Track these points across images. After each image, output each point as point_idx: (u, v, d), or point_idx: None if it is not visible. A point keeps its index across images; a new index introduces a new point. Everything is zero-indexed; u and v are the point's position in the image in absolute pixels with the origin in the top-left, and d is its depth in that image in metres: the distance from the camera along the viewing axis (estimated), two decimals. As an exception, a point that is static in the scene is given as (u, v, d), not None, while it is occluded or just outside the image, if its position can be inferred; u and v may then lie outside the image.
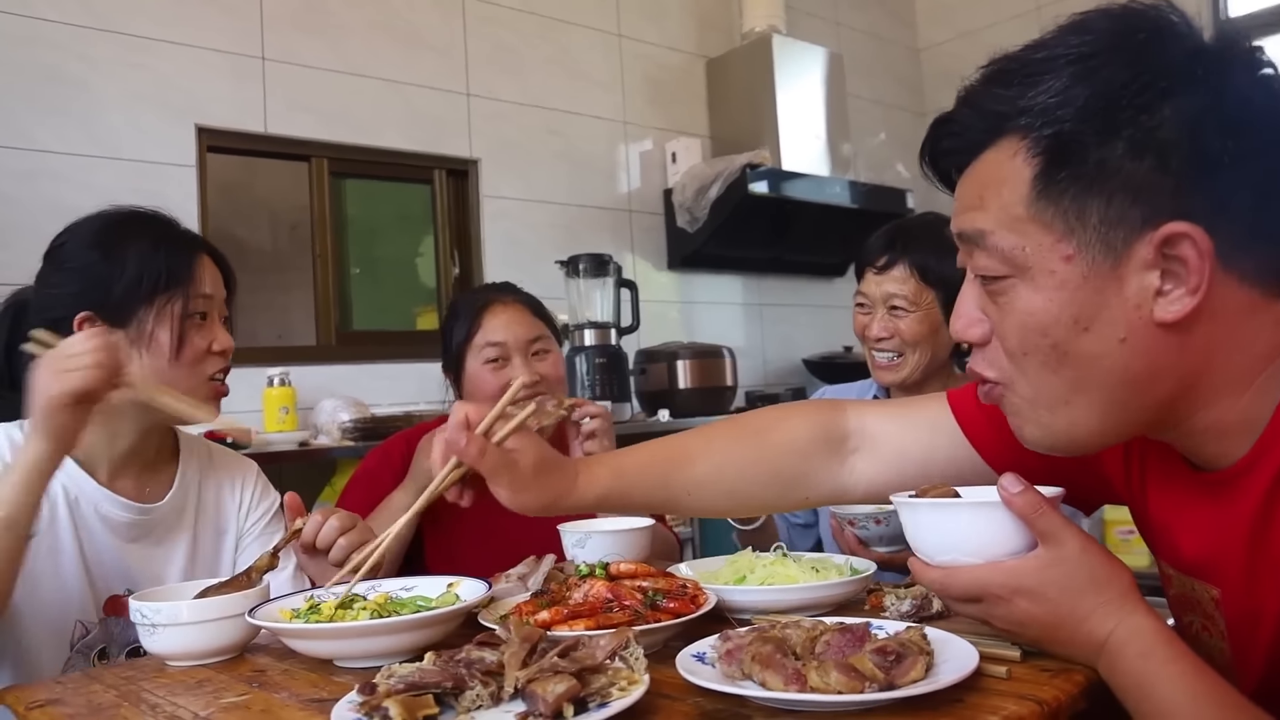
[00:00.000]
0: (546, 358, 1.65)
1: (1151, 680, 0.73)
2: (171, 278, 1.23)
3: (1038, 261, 0.73)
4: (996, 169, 0.76)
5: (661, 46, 3.88)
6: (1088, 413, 0.76)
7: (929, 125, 0.84)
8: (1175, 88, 0.69)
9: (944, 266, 1.59)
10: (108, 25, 2.56)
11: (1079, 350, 0.73)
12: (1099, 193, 0.70)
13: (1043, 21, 3.33)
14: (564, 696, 0.69)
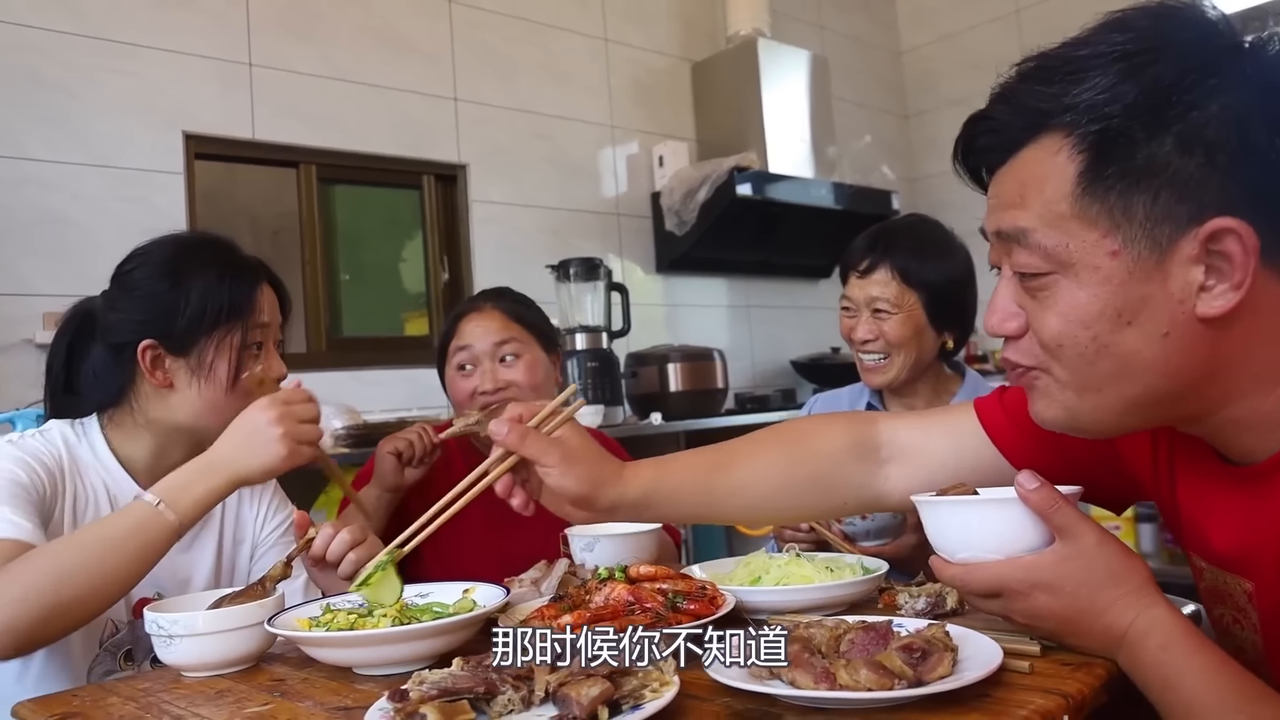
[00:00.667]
0: (516, 363, 1.65)
1: (1175, 672, 0.74)
2: (233, 309, 1.26)
3: (1082, 257, 0.73)
4: (1037, 166, 0.75)
5: (647, 50, 3.89)
6: (1116, 401, 0.76)
7: (964, 123, 0.84)
8: (1223, 85, 0.69)
9: (925, 269, 1.60)
10: (95, 32, 2.55)
11: (1120, 343, 0.73)
12: (1146, 188, 0.70)
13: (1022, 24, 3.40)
14: (599, 699, 0.70)
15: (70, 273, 2.45)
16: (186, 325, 1.24)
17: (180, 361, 1.26)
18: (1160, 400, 0.76)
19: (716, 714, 0.75)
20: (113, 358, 1.27)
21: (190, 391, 1.26)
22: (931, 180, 4.86)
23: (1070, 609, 0.79)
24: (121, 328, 1.26)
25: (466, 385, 1.65)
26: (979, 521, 0.85)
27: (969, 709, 0.73)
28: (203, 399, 1.26)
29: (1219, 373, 0.74)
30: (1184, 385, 0.75)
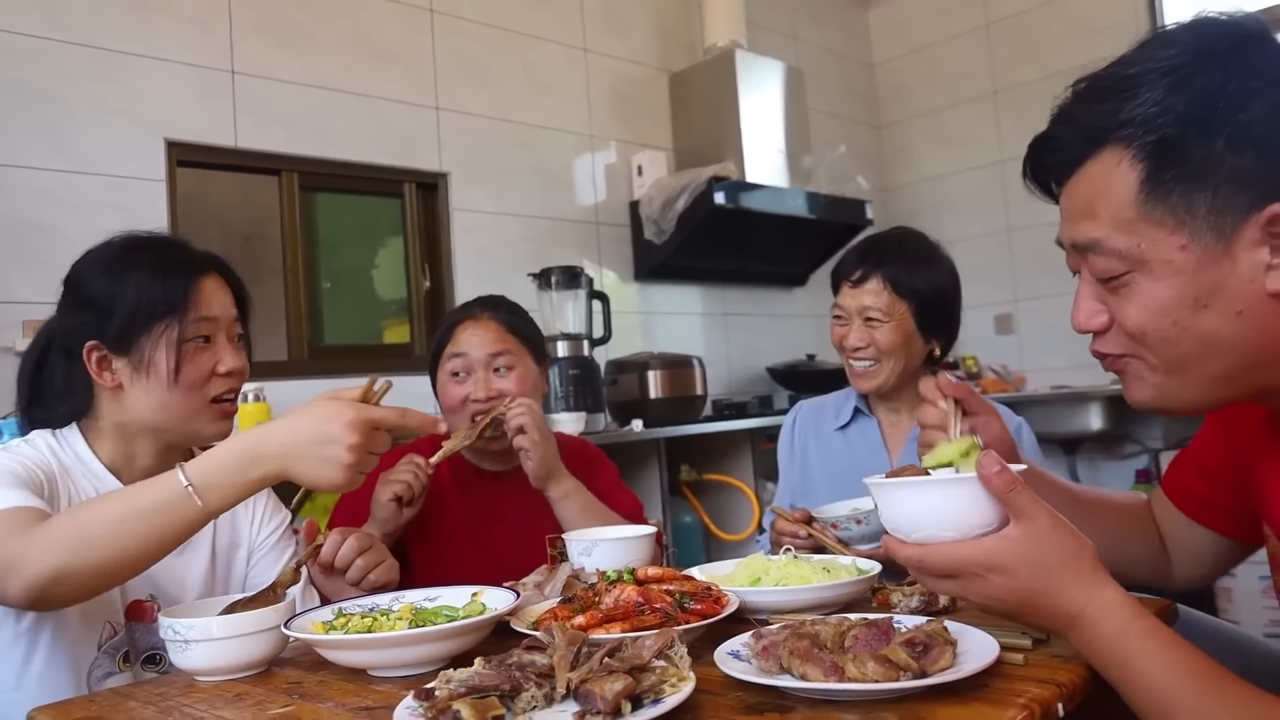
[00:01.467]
0: (509, 374, 1.66)
1: (1131, 655, 0.78)
2: (168, 304, 1.24)
3: (1154, 255, 0.80)
4: (1102, 179, 0.82)
5: (626, 61, 3.93)
6: (1202, 377, 0.83)
7: (1028, 145, 0.90)
8: (1263, 87, 0.76)
9: (914, 279, 1.67)
10: (78, 39, 2.54)
11: (1200, 326, 0.80)
12: (1205, 186, 0.77)
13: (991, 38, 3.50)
14: (622, 694, 0.73)
15: (52, 280, 2.38)
16: (123, 322, 1.23)
17: (124, 360, 1.24)
18: (1242, 372, 0.82)
19: (731, 707, 0.79)
20: (66, 363, 1.26)
21: (137, 390, 1.25)
22: (903, 190, 4.95)
23: (1025, 590, 0.82)
24: (69, 332, 1.25)
25: (459, 392, 1.66)
26: (933, 501, 0.87)
27: (971, 698, 0.77)
28: (149, 396, 1.24)
29: None
30: (1264, 357, 0.81)
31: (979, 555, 0.83)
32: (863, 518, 1.43)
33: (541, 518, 1.63)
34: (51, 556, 0.97)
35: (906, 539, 0.88)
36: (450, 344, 1.69)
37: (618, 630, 0.92)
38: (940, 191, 4.77)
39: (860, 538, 1.42)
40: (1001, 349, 4.46)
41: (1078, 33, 4.29)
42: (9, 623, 1.14)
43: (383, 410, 1.04)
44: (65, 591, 0.99)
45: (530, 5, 3.61)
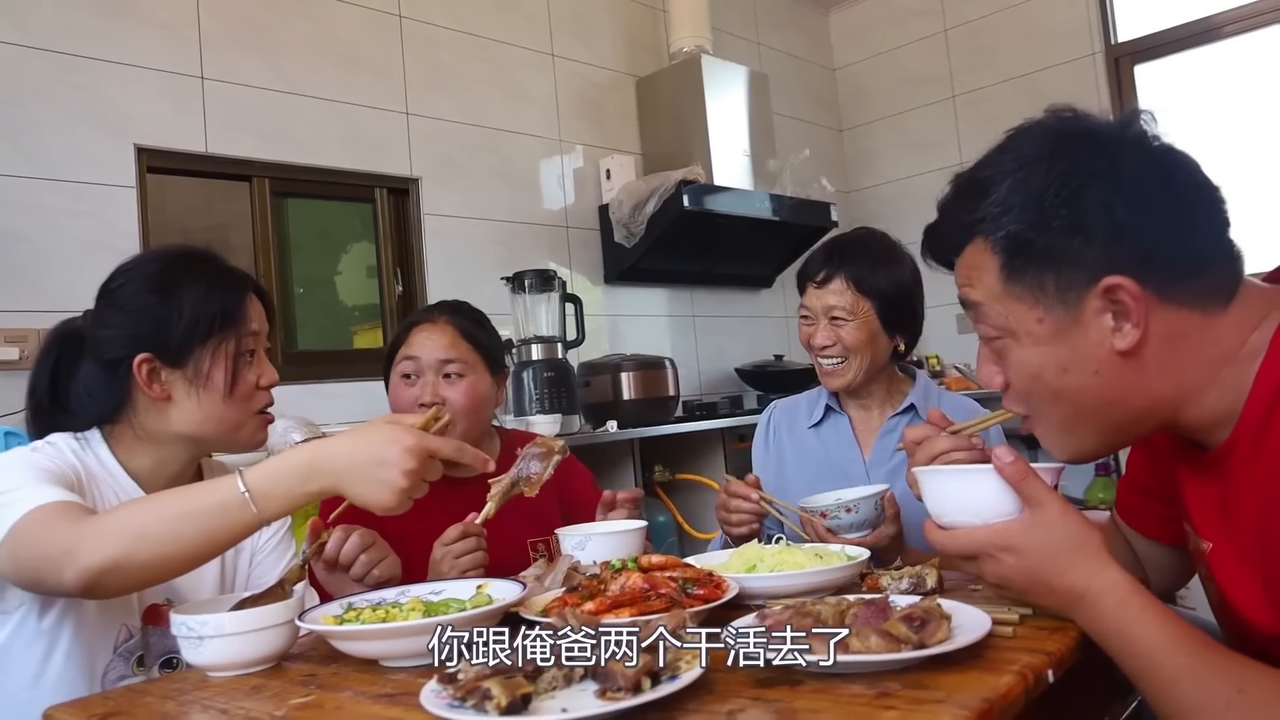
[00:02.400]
0: (458, 383, 1.65)
1: (1130, 626, 0.86)
2: (225, 319, 1.28)
3: (1019, 326, 0.93)
4: (976, 259, 0.95)
5: (593, 66, 3.97)
6: (1090, 432, 0.95)
7: (923, 231, 1.04)
8: (1084, 183, 0.87)
9: (876, 278, 1.72)
10: (42, 44, 2.52)
11: (1066, 386, 0.92)
12: (1050, 267, 0.89)
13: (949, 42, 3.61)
14: (642, 670, 0.77)
15: (21, 287, 2.42)
16: (181, 337, 1.26)
17: (177, 373, 1.27)
18: (1125, 422, 0.94)
19: (744, 681, 0.83)
20: (106, 374, 1.27)
21: (189, 402, 1.27)
22: (866, 192, 5.05)
23: (1035, 570, 0.91)
24: (113, 343, 1.26)
25: (408, 394, 1.66)
26: (961, 488, 0.98)
27: (968, 667, 0.82)
28: (202, 409, 1.27)
29: (1157, 390, 0.90)
30: (1136, 407, 0.92)
31: (994, 538, 0.93)
32: (852, 506, 1.47)
33: (518, 522, 1.65)
34: (109, 547, 0.99)
35: (941, 522, 0.99)
36: (404, 346, 1.70)
37: (627, 615, 0.96)
38: (902, 194, 4.87)
39: (849, 526, 1.46)
40: (963, 347, 4.55)
41: (1032, 39, 4.42)
42: (30, 621, 1.16)
43: (441, 441, 1.07)
44: (117, 582, 1.02)
45: (498, 11, 3.63)
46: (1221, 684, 0.79)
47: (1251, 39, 4.02)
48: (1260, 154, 3.88)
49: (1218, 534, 0.95)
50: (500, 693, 0.74)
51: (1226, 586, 0.95)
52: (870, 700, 0.76)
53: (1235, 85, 4.02)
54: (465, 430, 1.64)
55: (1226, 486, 0.92)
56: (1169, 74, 4.18)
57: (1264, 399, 0.87)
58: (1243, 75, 4.02)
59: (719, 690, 0.81)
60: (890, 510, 1.46)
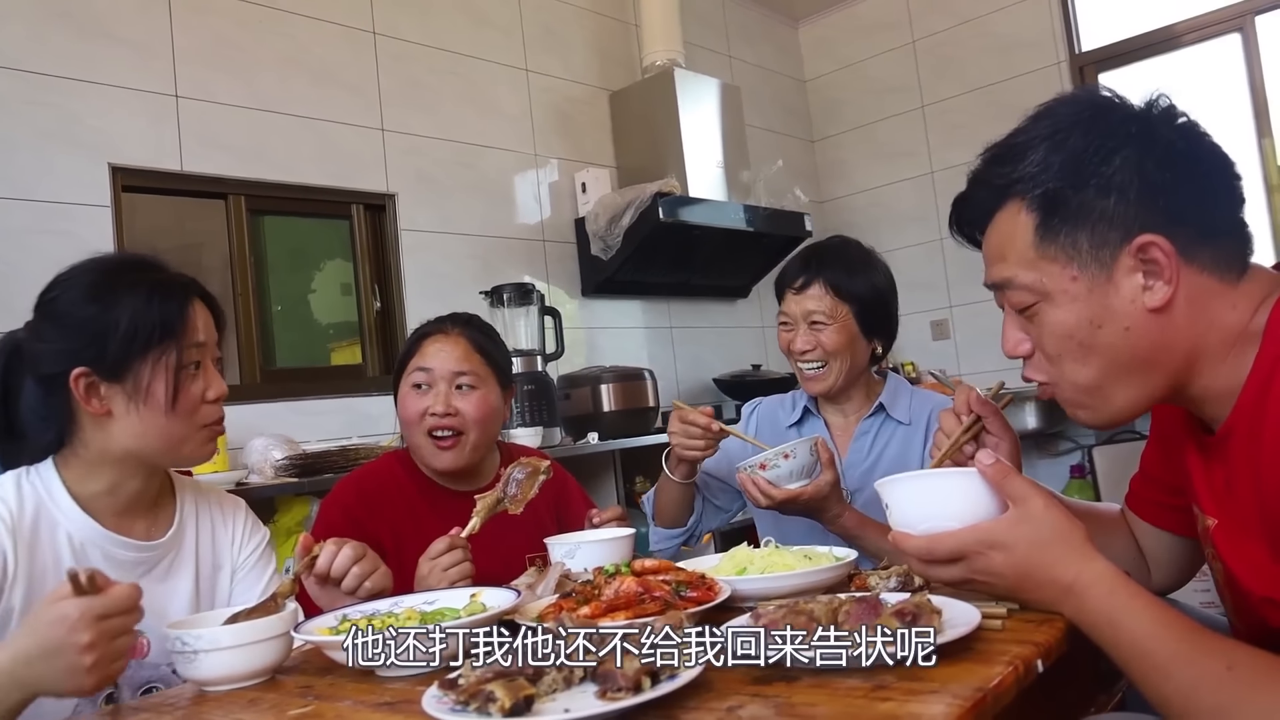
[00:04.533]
0: (470, 395, 1.66)
1: (1119, 614, 0.88)
2: (165, 330, 1.22)
3: (1053, 287, 0.95)
4: (1008, 227, 0.98)
5: (566, 80, 4.00)
6: (1118, 391, 0.96)
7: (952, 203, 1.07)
8: (1120, 145, 0.91)
9: (854, 284, 1.76)
10: (12, 64, 2.50)
11: (1098, 343, 0.94)
12: (1084, 226, 0.92)
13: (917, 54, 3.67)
14: (641, 671, 0.78)
15: (-3, 307, 2.39)
16: (118, 349, 1.20)
17: (116, 387, 1.21)
18: (1152, 381, 0.95)
19: (741, 679, 0.84)
20: (45, 390, 1.22)
21: (130, 417, 1.22)
22: (838, 202, 5.10)
23: (1023, 564, 0.94)
24: (50, 358, 1.21)
25: (418, 404, 1.65)
26: (940, 493, 1.00)
27: (960, 659, 0.83)
28: (144, 423, 1.22)
29: (1181, 352, 0.94)
30: (1159, 364, 0.94)
31: (980, 535, 0.95)
32: (790, 452, 1.53)
33: (513, 535, 1.66)
34: None
35: (913, 531, 0.99)
36: (416, 356, 1.69)
37: (622, 618, 0.97)
38: (875, 203, 4.93)
39: (789, 474, 1.53)
40: (938, 354, 4.62)
41: (997, 49, 4.50)
42: None
43: (105, 598, 0.94)
44: None
45: (471, 26, 3.65)
46: (1211, 663, 0.82)
47: (1209, 47, 4.12)
48: (1221, 159, 3.97)
49: (1222, 511, 0.98)
50: (503, 695, 0.74)
51: (1230, 560, 0.98)
52: (867, 692, 0.77)
53: (1194, 92, 4.12)
54: (476, 442, 1.66)
55: (1230, 468, 0.95)
56: (1132, 82, 4.27)
57: (1258, 382, 0.90)
58: (1204, 82, 4.12)
59: (718, 688, 0.83)
60: (824, 455, 1.53)
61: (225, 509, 1.44)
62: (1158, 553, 1.20)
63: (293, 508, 2.53)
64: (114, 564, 1.24)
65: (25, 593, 1.17)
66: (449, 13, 3.57)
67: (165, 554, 1.32)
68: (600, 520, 1.60)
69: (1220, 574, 1.02)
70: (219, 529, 1.42)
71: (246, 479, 2.55)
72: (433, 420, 1.64)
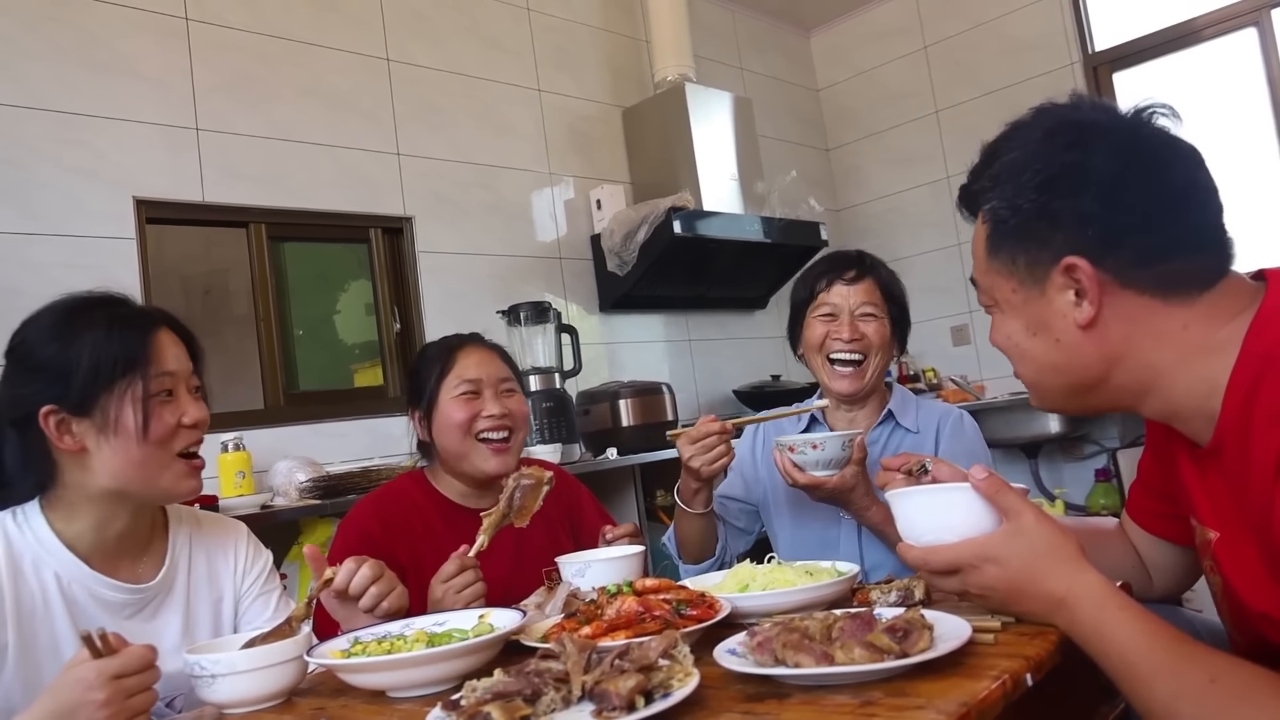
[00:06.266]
0: (514, 396, 1.75)
1: (1109, 626, 0.89)
2: (128, 361, 1.23)
3: (1000, 295, 1.03)
4: (977, 233, 1.06)
5: (579, 99, 4.04)
6: (1053, 393, 1.05)
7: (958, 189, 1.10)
8: (1057, 174, 0.96)
9: (895, 290, 1.84)
10: (41, 104, 2.58)
11: (1031, 349, 1.02)
12: (1021, 246, 0.99)
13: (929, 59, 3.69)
14: (635, 690, 0.80)
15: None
16: (83, 384, 1.21)
17: (86, 423, 1.22)
18: (1082, 388, 1.01)
19: (734, 697, 0.86)
20: (20, 434, 1.23)
21: (104, 451, 1.22)
22: (855, 210, 5.11)
23: (1016, 577, 0.96)
24: (20, 401, 1.22)
25: (470, 409, 1.69)
26: (939, 507, 1.03)
27: (949, 674, 0.85)
28: (118, 456, 1.23)
29: (1118, 364, 0.98)
30: (1093, 377, 0.99)
31: (974, 549, 0.98)
32: (819, 443, 1.56)
33: (531, 551, 1.69)
34: None
35: (917, 543, 1.03)
36: (456, 368, 1.73)
37: (622, 637, 0.99)
38: (891, 209, 4.93)
39: (815, 463, 1.56)
40: (959, 359, 4.60)
41: (1010, 52, 4.50)
42: None
43: (120, 658, 1.00)
44: None
45: (483, 49, 3.71)
46: (1194, 675, 0.83)
47: (1224, 42, 4.09)
48: (1240, 155, 3.94)
49: (1222, 524, 0.99)
50: (500, 716, 0.77)
51: (1231, 574, 0.99)
52: (855, 709, 0.79)
53: (1214, 88, 4.09)
54: (521, 443, 1.75)
55: (1226, 480, 0.97)
56: (1148, 80, 4.25)
57: (1239, 395, 0.91)
58: (1221, 78, 4.09)
59: (710, 706, 0.85)
60: (857, 454, 1.56)
61: (225, 537, 1.45)
62: (1158, 561, 1.21)
63: (317, 529, 2.58)
64: (101, 604, 1.26)
65: (16, 632, 1.19)
66: (461, 37, 3.64)
67: (153, 596, 1.32)
68: (614, 537, 1.62)
69: (1218, 587, 1.03)
70: (217, 560, 1.43)
71: (271, 501, 2.60)
72: (488, 423, 1.69)
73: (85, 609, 1.25)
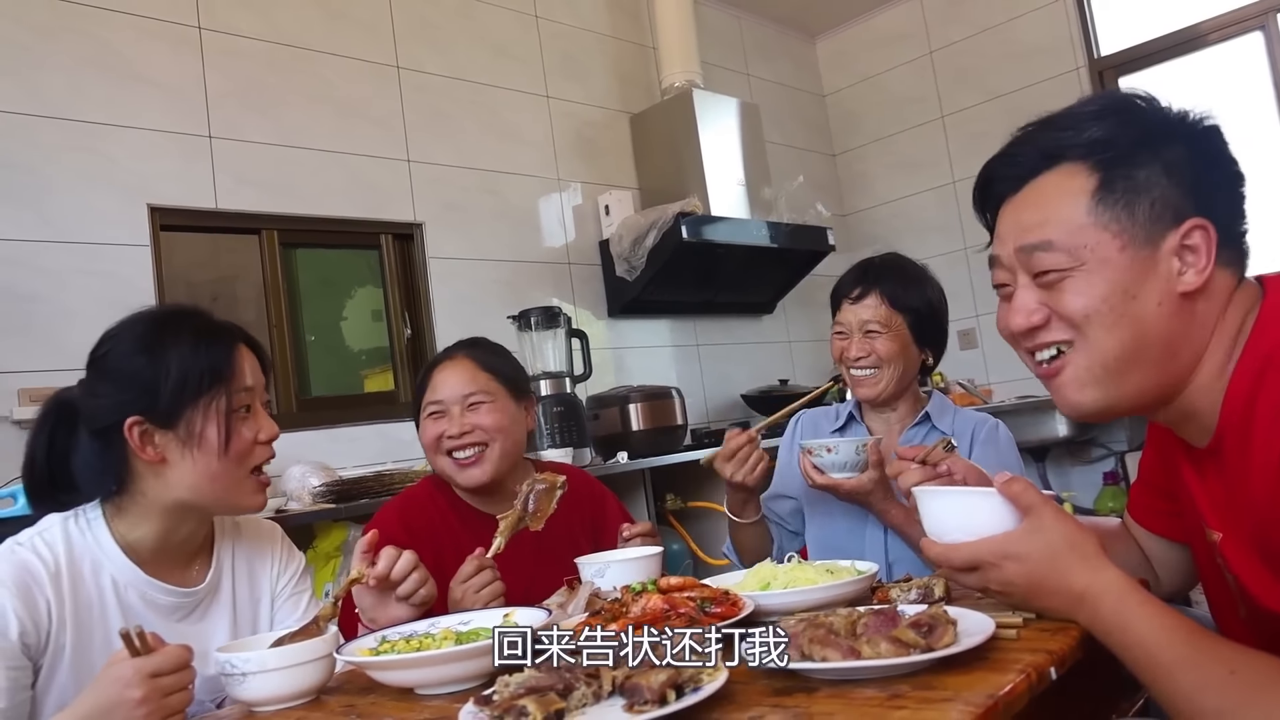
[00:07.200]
0: (481, 409, 1.71)
1: (1130, 620, 0.90)
2: (214, 376, 1.26)
3: (1097, 253, 0.95)
4: (1056, 189, 0.98)
5: (587, 105, 4.06)
6: (1133, 376, 0.96)
7: (986, 161, 1.06)
8: (1179, 134, 0.96)
9: (909, 296, 1.82)
10: (56, 113, 2.61)
11: (1130, 312, 0.95)
12: (1145, 199, 0.94)
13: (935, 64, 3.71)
14: (667, 684, 0.82)
15: (43, 349, 2.49)
16: (170, 397, 1.23)
17: (169, 435, 1.24)
18: (1165, 370, 0.96)
19: (762, 692, 0.88)
20: (101, 444, 1.25)
21: (185, 464, 1.25)
22: (862, 215, 5.12)
23: (1036, 573, 0.96)
24: (105, 411, 1.24)
25: (434, 429, 1.72)
26: (968, 510, 1.03)
27: (974, 668, 0.86)
28: (198, 469, 1.25)
29: (1196, 344, 0.96)
30: (1176, 352, 0.96)
31: (994, 545, 0.98)
32: (833, 446, 1.62)
33: (552, 556, 1.70)
34: None
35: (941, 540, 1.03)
36: (428, 391, 1.76)
37: (648, 634, 1.00)
38: (897, 214, 4.95)
39: (831, 465, 1.61)
40: (967, 363, 4.61)
41: (1016, 57, 4.51)
42: None
43: (157, 656, 1.03)
44: None
45: (491, 56, 3.73)
46: (1215, 667, 0.84)
47: (1230, 47, 4.10)
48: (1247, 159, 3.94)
49: (1226, 524, 1.00)
50: (535, 709, 0.78)
51: (1241, 574, 0.99)
52: (882, 702, 0.80)
53: (1220, 92, 4.10)
54: (502, 451, 1.71)
55: (1226, 479, 0.97)
56: (1153, 85, 4.25)
57: (1241, 395, 0.92)
58: (1227, 82, 4.10)
59: (739, 700, 0.86)
60: (874, 457, 1.59)
61: (262, 540, 1.48)
62: (1163, 560, 1.22)
63: (331, 533, 2.59)
64: (152, 607, 1.28)
65: (73, 633, 1.21)
66: (470, 44, 3.66)
67: (202, 599, 1.35)
68: (630, 535, 1.64)
69: (1233, 585, 1.03)
70: (256, 563, 1.46)
71: (285, 506, 2.62)
72: (450, 442, 1.70)
73: (139, 612, 1.27)
